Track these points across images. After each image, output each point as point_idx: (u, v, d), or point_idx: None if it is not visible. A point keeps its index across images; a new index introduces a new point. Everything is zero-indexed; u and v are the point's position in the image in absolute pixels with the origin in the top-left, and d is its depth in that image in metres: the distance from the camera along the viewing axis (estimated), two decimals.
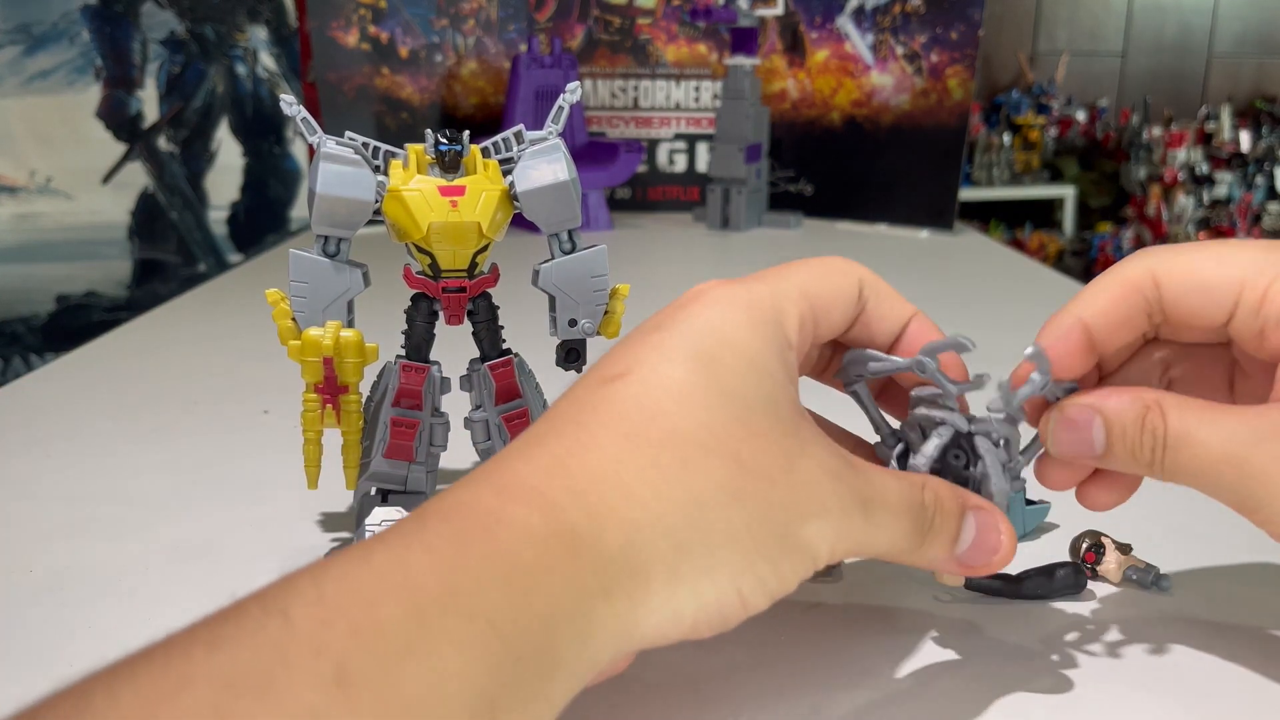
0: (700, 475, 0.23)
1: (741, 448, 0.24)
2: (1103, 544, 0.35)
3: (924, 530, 0.27)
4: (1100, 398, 0.28)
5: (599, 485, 0.23)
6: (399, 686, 0.18)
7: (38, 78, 1.66)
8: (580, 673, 0.21)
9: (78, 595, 0.35)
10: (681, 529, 0.23)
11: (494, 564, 0.20)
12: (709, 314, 0.26)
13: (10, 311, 1.72)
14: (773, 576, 0.24)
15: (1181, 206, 2.83)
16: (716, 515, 0.23)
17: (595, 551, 0.22)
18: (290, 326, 0.34)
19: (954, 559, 0.27)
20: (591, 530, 0.22)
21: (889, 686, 0.29)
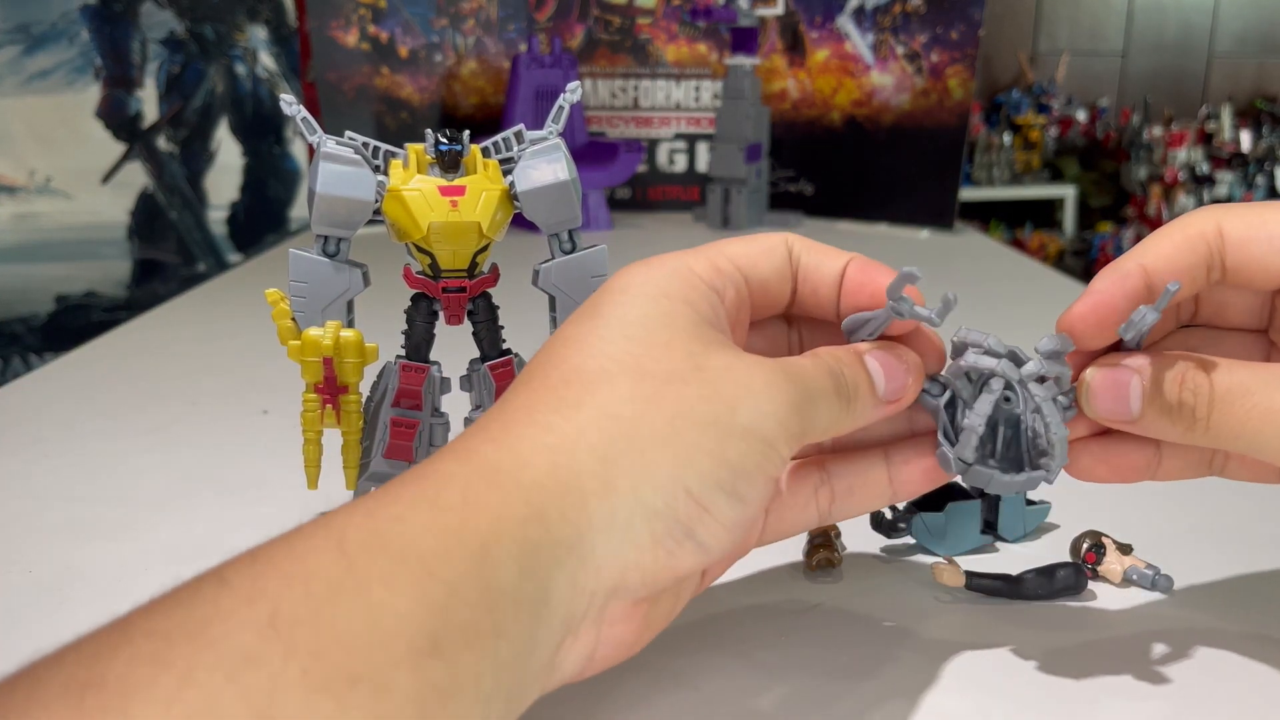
0: (607, 392, 0.24)
1: (642, 359, 0.25)
2: (1103, 544, 0.35)
3: (847, 392, 0.27)
4: (1142, 358, 0.28)
5: (514, 427, 0.24)
6: (331, 623, 0.18)
7: (37, 77, 1.66)
8: (532, 605, 0.21)
9: (78, 595, 0.35)
10: (603, 442, 0.23)
11: (418, 509, 0.21)
12: (618, 279, 0.27)
13: (10, 311, 1.72)
14: (720, 466, 0.24)
15: (1182, 206, 2.83)
16: (636, 423, 0.24)
17: (517, 479, 0.22)
18: (290, 326, 0.34)
19: (881, 405, 0.28)
20: (513, 464, 0.23)
21: (889, 687, 0.29)
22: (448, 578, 0.20)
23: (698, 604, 0.31)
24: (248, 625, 0.17)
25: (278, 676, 0.17)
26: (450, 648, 0.19)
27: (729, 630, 0.32)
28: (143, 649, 0.17)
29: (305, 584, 0.19)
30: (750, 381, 0.25)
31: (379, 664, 0.18)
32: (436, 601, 0.19)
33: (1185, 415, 0.27)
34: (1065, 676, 0.30)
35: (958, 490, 0.38)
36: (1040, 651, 0.31)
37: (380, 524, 0.21)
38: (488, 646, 0.20)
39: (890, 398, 0.28)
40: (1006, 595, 0.33)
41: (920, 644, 0.31)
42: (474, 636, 0.20)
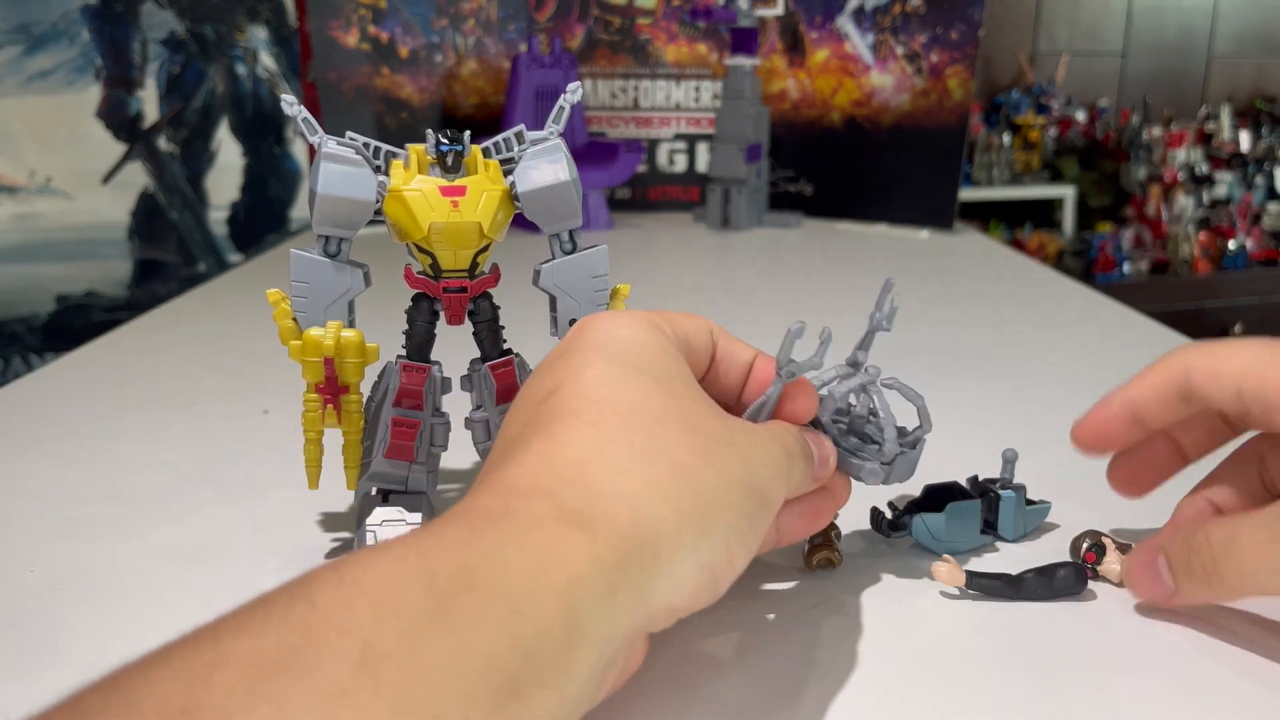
0: (669, 443, 0.25)
1: (685, 413, 0.27)
2: (1103, 544, 0.35)
3: (809, 457, 0.31)
4: (1159, 537, 0.32)
5: (588, 470, 0.24)
6: (420, 662, 0.18)
7: (37, 78, 1.66)
8: (600, 647, 0.22)
9: (78, 595, 0.35)
10: (675, 494, 0.25)
11: (507, 547, 0.21)
12: (604, 328, 0.29)
13: (10, 311, 1.72)
14: (750, 531, 0.27)
15: (1181, 206, 2.83)
16: (698, 477, 0.25)
17: (608, 527, 0.23)
18: (291, 326, 0.34)
19: (815, 470, 0.32)
20: (596, 509, 0.23)
21: (889, 686, 0.29)
22: (534, 619, 0.20)
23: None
24: (340, 659, 0.18)
25: (367, 713, 0.17)
26: (528, 688, 0.20)
27: (729, 630, 0.32)
28: (237, 678, 0.17)
29: (395, 618, 0.19)
30: (769, 452, 0.28)
31: (462, 704, 0.18)
32: (522, 643, 0.20)
33: (1200, 574, 0.30)
34: (1065, 677, 0.30)
35: (958, 490, 0.38)
36: (1042, 652, 0.31)
37: (471, 560, 0.21)
38: (563, 687, 0.21)
39: (822, 464, 0.32)
40: (1006, 596, 0.33)
41: (921, 644, 0.31)
42: (551, 676, 0.20)
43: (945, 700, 0.29)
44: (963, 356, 0.65)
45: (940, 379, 0.60)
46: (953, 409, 0.54)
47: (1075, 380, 0.60)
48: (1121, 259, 2.75)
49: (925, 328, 0.72)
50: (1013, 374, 0.61)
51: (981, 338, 0.69)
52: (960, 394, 0.57)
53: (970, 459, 0.43)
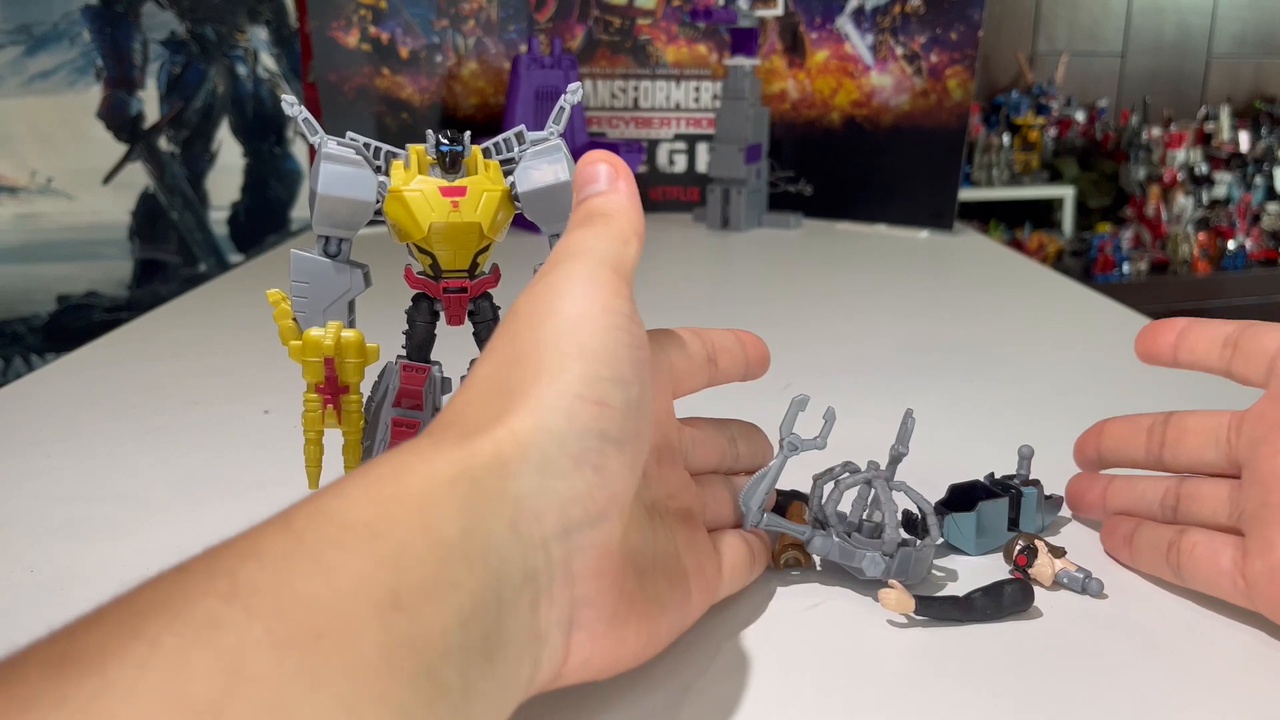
0: (486, 356, 0.28)
1: (514, 309, 0.29)
2: (1035, 547, 0.35)
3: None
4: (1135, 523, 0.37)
5: (440, 416, 0.26)
6: (290, 586, 0.19)
7: (38, 78, 1.66)
8: (482, 558, 0.22)
9: (78, 595, 0.35)
10: (492, 391, 0.26)
11: (353, 483, 0.22)
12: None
13: (11, 311, 1.72)
14: (592, 360, 0.26)
15: (1181, 207, 2.83)
16: (511, 364, 0.26)
17: (436, 445, 0.24)
18: (291, 326, 0.34)
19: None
20: (431, 437, 0.25)
21: (889, 687, 0.29)
22: (395, 537, 0.21)
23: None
24: (209, 595, 0.18)
25: (244, 636, 0.17)
26: (410, 601, 0.20)
27: (728, 631, 0.32)
28: (113, 625, 0.18)
29: (259, 558, 0.19)
30: (570, 285, 0.28)
31: (342, 619, 0.19)
32: (388, 558, 0.20)
33: (1166, 572, 0.34)
34: (1020, 694, 0.30)
35: (981, 489, 0.38)
36: (994, 670, 0.31)
37: (321, 501, 0.21)
38: (448, 598, 0.21)
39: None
40: (956, 618, 0.32)
41: (920, 645, 0.32)
42: (432, 589, 0.20)
43: (944, 703, 0.29)
44: (962, 356, 0.65)
45: (940, 379, 0.60)
46: (952, 408, 0.54)
47: (1074, 380, 0.60)
48: (1121, 259, 2.75)
49: (925, 328, 0.72)
50: (1012, 374, 0.61)
51: (981, 338, 0.69)
52: (960, 394, 0.57)
53: (971, 458, 0.43)
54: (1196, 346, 0.36)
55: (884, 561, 0.33)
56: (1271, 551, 0.31)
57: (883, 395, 0.57)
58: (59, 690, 0.16)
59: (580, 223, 0.30)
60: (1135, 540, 0.36)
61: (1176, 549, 0.34)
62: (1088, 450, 0.40)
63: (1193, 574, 0.33)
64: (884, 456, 0.35)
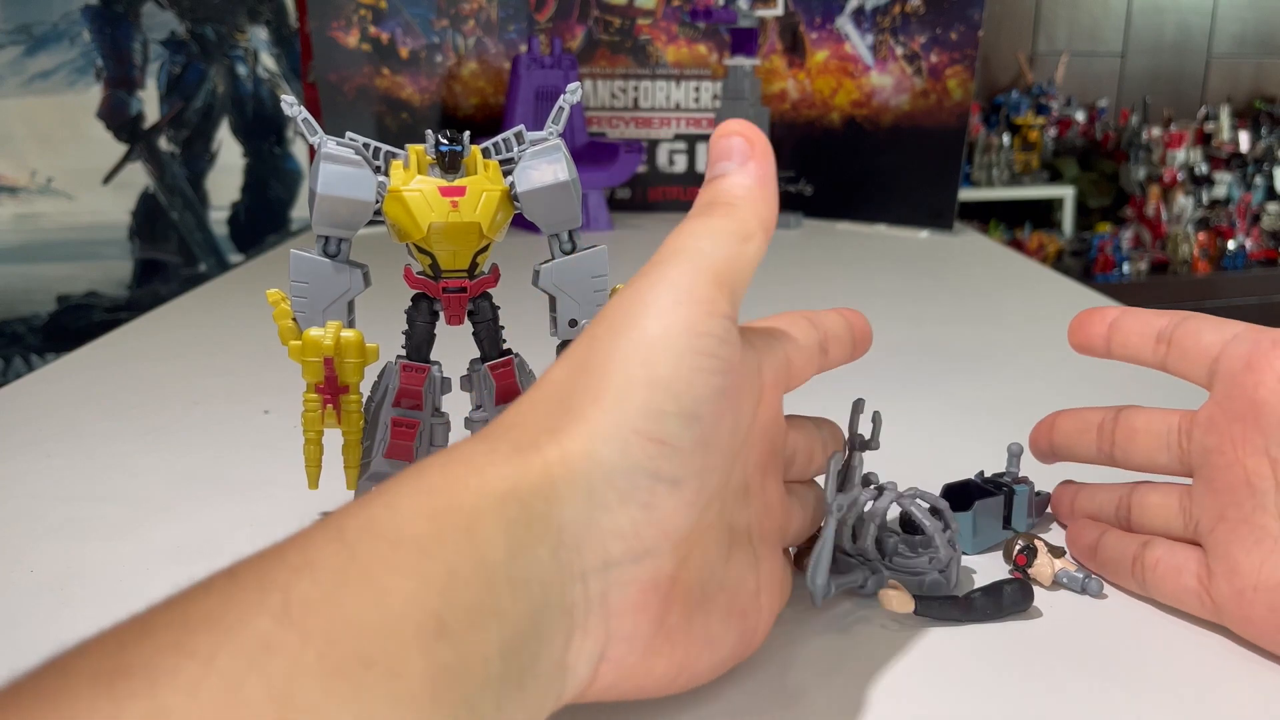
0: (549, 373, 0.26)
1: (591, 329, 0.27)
2: (1035, 547, 0.34)
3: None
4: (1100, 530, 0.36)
5: (492, 426, 0.25)
6: (342, 608, 0.18)
7: (38, 78, 1.66)
8: (525, 586, 0.21)
9: (78, 595, 0.35)
10: (549, 413, 0.25)
11: (405, 494, 0.22)
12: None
13: (11, 311, 1.72)
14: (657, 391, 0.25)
15: (1180, 207, 2.83)
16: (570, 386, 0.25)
17: (490, 460, 0.23)
18: (291, 326, 0.34)
19: None
20: (486, 450, 0.24)
21: (888, 688, 0.29)
22: (444, 558, 0.20)
23: None
24: (263, 612, 0.18)
25: (296, 662, 0.17)
26: (456, 628, 0.20)
27: None
28: (165, 638, 0.17)
29: (312, 573, 0.19)
30: (656, 296, 0.25)
31: (391, 647, 0.18)
32: (437, 582, 0.20)
33: (1130, 583, 0.34)
34: (1021, 694, 0.30)
35: (974, 488, 0.38)
36: (993, 670, 0.31)
37: (373, 511, 0.21)
38: (491, 627, 0.20)
39: None
40: (956, 618, 0.32)
41: (920, 646, 0.32)
42: (477, 617, 0.20)
43: (946, 706, 0.29)
44: (962, 356, 0.65)
45: (940, 379, 0.60)
46: (952, 408, 0.54)
47: (1074, 380, 0.60)
48: (1121, 259, 2.75)
49: (924, 328, 0.72)
50: (1012, 374, 0.61)
51: (981, 338, 0.69)
52: (960, 393, 0.57)
53: (972, 457, 0.43)
54: (1129, 340, 0.34)
55: (943, 579, 0.33)
56: (1236, 575, 0.30)
57: (883, 395, 0.57)
58: (111, 711, 0.16)
59: (699, 211, 0.27)
60: (1100, 551, 0.35)
61: (1141, 564, 0.33)
62: (1041, 443, 0.39)
63: (1158, 589, 0.33)
64: (885, 457, 0.35)
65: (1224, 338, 0.32)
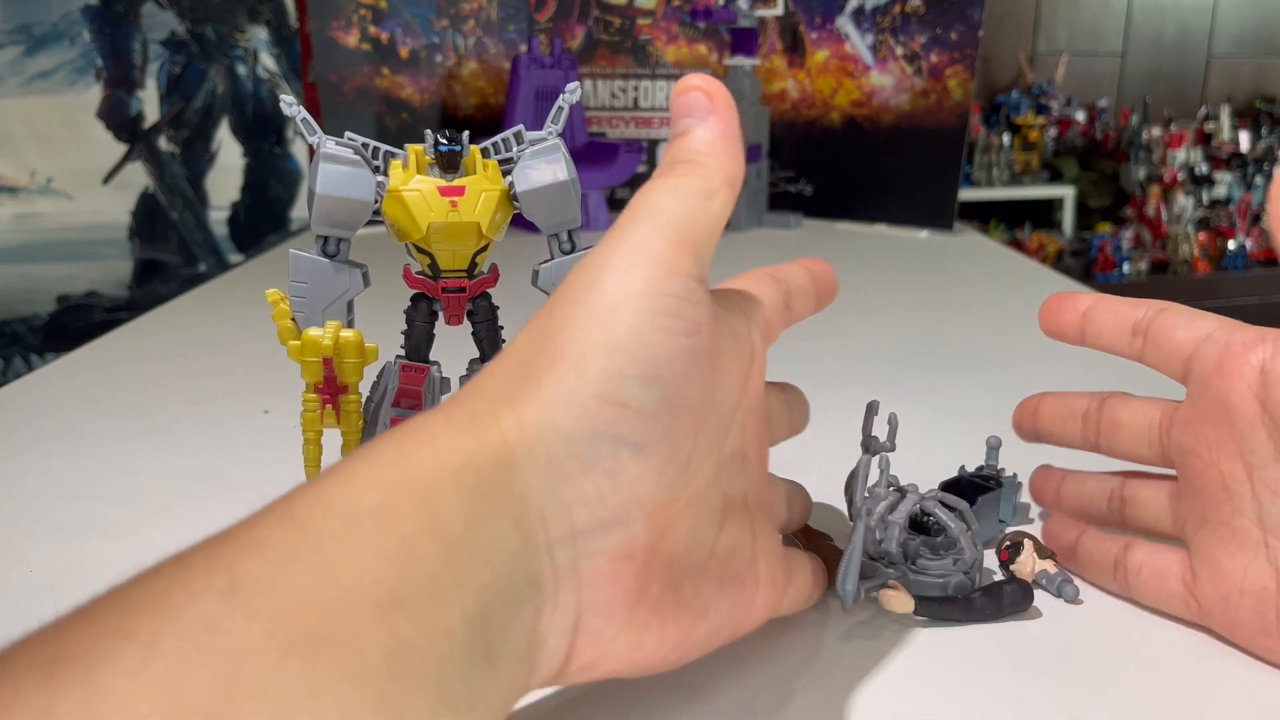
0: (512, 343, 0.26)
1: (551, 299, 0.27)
2: (1022, 544, 0.34)
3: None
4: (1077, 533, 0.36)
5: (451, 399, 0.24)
6: (291, 584, 0.18)
7: (38, 78, 1.66)
8: (486, 558, 0.21)
9: (78, 595, 0.35)
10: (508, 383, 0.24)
11: (358, 468, 0.21)
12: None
13: (11, 311, 1.72)
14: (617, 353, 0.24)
15: (1181, 207, 2.83)
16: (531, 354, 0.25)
17: (446, 430, 0.22)
18: (290, 326, 0.34)
19: None
20: (441, 420, 0.23)
21: (889, 690, 0.29)
22: (399, 530, 0.20)
23: None
24: (207, 593, 0.17)
25: (243, 641, 0.17)
26: (414, 600, 0.19)
27: None
28: (106, 624, 0.17)
29: (260, 551, 0.18)
30: (617, 259, 0.25)
31: (345, 621, 0.18)
32: (392, 554, 0.19)
33: (1113, 586, 0.33)
34: (1012, 692, 0.30)
35: (967, 483, 0.38)
36: (993, 671, 0.31)
37: (325, 488, 0.20)
38: (452, 599, 0.20)
39: None
40: (956, 619, 0.32)
41: (922, 647, 0.32)
42: (436, 589, 0.19)
43: (946, 706, 0.29)
44: (962, 356, 0.65)
45: (940, 379, 0.60)
46: (952, 408, 0.54)
47: (1074, 380, 0.60)
48: (1121, 259, 2.75)
49: (925, 327, 0.72)
50: (1012, 374, 0.61)
51: (981, 338, 0.69)
52: (959, 393, 0.57)
53: (971, 456, 0.43)
54: (1104, 332, 0.33)
55: (969, 580, 0.33)
56: (1221, 579, 0.30)
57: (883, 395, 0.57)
58: (47, 698, 0.15)
59: (662, 170, 0.26)
60: (1080, 554, 0.35)
61: (1124, 568, 0.33)
62: (1024, 424, 0.38)
63: (1141, 593, 0.32)
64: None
65: (1197, 336, 0.31)
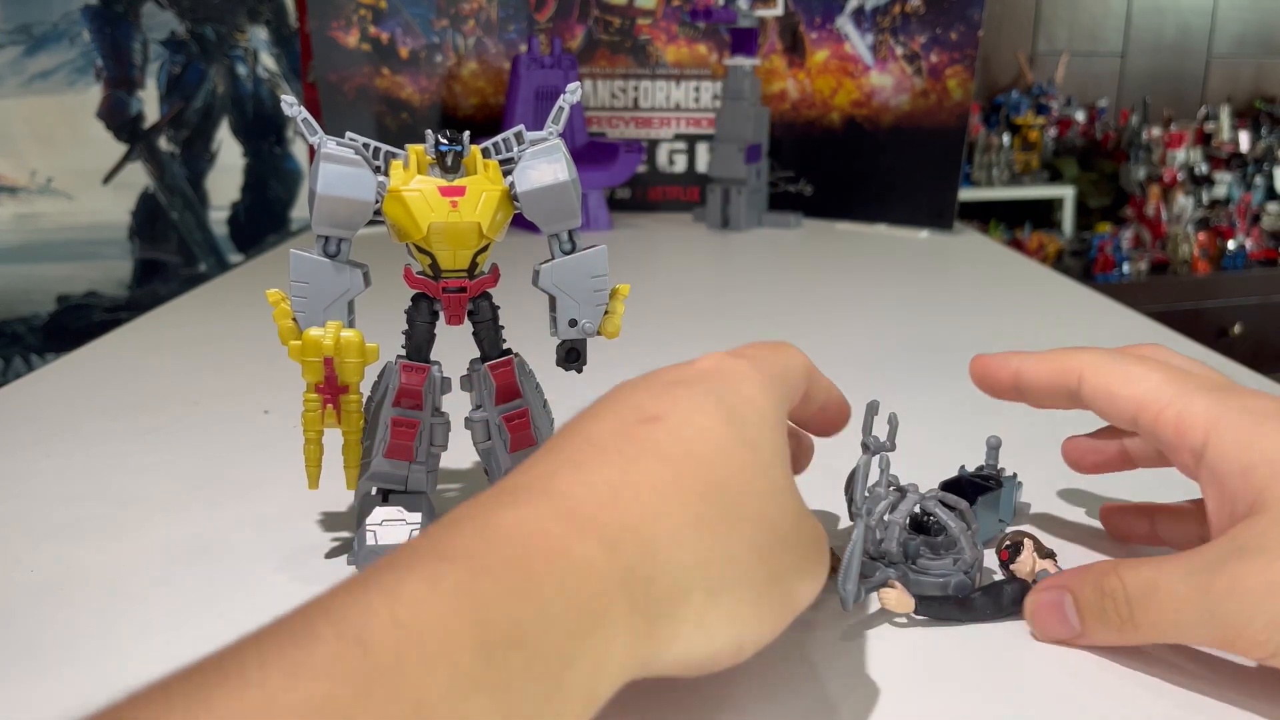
0: (736, 531, 0.25)
1: (767, 506, 0.26)
2: (1022, 544, 0.34)
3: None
4: (1066, 577, 0.31)
5: (650, 524, 0.23)
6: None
7: (38, 78, 1.66)
8: (593, 699, 0.22)
9: (78, 595, 0.35)
10: (717, 580, 0.24)
11: (560, 602, 0.21)
12: (727, 374, 0.28)
13: (11, 311, 1.72)
14: (768, 630, 0.26)
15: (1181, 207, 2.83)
16: (745, 571, 0.25)
17: (647, 594, 0.23)
18: (291, 326, 0.34)
19: None
20: (644, 569, 0.23)
21: (892, 691, 0.29)
22: (575, 687, 0.21)
23: None
24: (393, 717, 0.17)
25: None
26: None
27: None
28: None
29: (449, 674, 0.18)
30: (816, 563, 0.28)
31: None
32: (562, 710, 0.20)
33: (1114, 620, 0.29)
34: (1011, 692, 0.30)
35: (967, 483, 0.38)
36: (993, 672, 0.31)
37: (524, 615, 0.20)
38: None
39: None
40: (956, 618, 0.33)
41: (925, 648, 0.32)
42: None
43: (945, 706, 0.29)
44: (962, 356, 0.65)
45: (939, 378, 0.60)
46: (952, 408, 0.54)
47: None
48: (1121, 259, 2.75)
49: (925, 327, 0.72)
50: None
51: (981, 338, 0.69)
52: (959, 393, 0.57)
53: (972, 457, 0.43)
54: (1042, 401, 0.35)
55: (969, 580, 0.33)
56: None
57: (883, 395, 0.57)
58: None
59: None
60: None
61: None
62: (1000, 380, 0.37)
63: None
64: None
65: (1126, 413, 0.32)
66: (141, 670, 0.30)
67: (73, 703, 0.29)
